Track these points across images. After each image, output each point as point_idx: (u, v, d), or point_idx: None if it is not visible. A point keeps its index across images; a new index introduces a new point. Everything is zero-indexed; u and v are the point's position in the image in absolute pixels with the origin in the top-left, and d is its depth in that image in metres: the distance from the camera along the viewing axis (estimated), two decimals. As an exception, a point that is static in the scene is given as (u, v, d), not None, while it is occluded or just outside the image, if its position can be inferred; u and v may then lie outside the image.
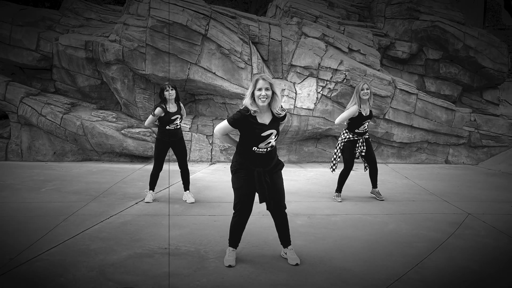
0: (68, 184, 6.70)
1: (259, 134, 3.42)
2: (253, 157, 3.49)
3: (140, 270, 3.45)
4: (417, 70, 10.78)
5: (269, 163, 3.54)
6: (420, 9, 10.48)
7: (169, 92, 5.56)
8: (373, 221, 4.96)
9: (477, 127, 9.93)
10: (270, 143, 3.48)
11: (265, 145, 3.46)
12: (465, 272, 3.54)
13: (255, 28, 9.57)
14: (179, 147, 5.76)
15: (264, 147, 3.46)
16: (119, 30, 8.78)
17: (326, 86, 9.16)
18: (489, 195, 6.42)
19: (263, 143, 3.45)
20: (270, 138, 3.45)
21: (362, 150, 5.83)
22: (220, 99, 9.33)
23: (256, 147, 3.46)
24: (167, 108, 5.56)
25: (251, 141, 3.47)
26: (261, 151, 3.47)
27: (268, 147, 3.48)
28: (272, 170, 3.57)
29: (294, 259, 3.61)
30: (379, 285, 3.25)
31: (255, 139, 3.44)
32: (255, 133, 3.42)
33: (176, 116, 5.60)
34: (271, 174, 3.56)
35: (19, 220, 4.74)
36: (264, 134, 3.43)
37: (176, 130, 5.67)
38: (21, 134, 9.16)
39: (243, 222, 3.65)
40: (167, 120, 5.57)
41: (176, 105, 5.69)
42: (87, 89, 9.42)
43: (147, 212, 5.20)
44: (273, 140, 3.48)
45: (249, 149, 3.48)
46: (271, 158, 3.55)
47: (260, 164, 3.49)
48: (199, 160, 9.23)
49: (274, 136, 3.47)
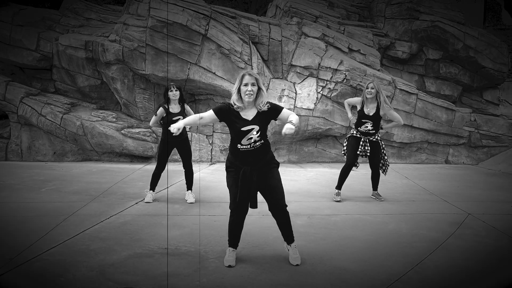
0: (68, 184, 6.70)
1: (239, 128, 3.41)
2: (240, 155, 3.48)
3: (140, 270, 3.45)
4: (417, 70, 10.78)
5: (256, 162, 3.48)
6: (420, 9, 10.48)
7: (173, 92, 5.57)
8: (373, 221, 4.96)
9: (477, 127, 9.93)
10: (253, 139, 3.42)
11: (247, 140, 3.42)
12: (465, 272, 3.54)
13: (255, 28, 9.57)
14: (184, 148, 5.75)
15: (247, 143, 3.42)
16: (119, 30, 8.78)
17: (326, 86, 9.16)
18: (489, 195, 6.42)
19: (245, 138, 3.42)
20: (251, 133, 3.41)
21: (367, 150, 5.80)
22: (220, 99, 9.33)
23: (239, 144, 3.44)
24: (169, 109, 5.56)
25: (234, 136, 3.48)
26: (245, 148, 3.44)
27: (251, 143, 3.43)
28: (263, 168, 3.51)
29: (295, 259, 3.60)
30: (379, 285, 3.25)
31: (236, 134, 3.45)
32: (236, 127, 3.43)
33: (178, 117, 5.56)
34: (262, 172, 3.51)
35: (19, 220, 4.74)
36: (244, 129, 3.41)
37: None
38: (21, 134, 9.15)
39: (239, 221, 3.62)
40: (168, 121, 5.57)
41: (180, 106, 5.67)
42: (87, 89, 9.42)
43: (147, 212, 5.20)
44: (255, 136, 3.42)
45: (235, 146, 3.49)
46: (259, 156, 3.49)
47: (247, 162, 3.46)
48: (199, 160, 9.23)
49: (256, 132, 3.42)
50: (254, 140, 3.44)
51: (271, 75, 9.55)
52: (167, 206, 5.47)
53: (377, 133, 5.85)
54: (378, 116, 5.76)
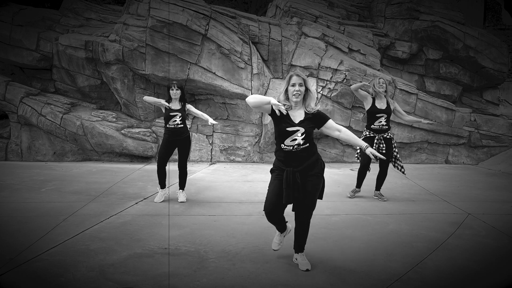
0: (68, 184, 6.70)
1: (285, 128, 3.39)
2: (283, 155, 3.45)
3: (140, 270, 3.45)
4: (417, 70, 10.78)
5: (299, 164, 3.42)
6: (420, 9, 10.48)
7: (173, 91, 5.64)
8: (373, 221, 4.96)
9: (477, 127, 9.93)
10: (297, 141, 3.39)
11: (291, 141, 3.39)
12: (465, 272, 3.54)
13: (255, 28, 9.57)
14: (182, 147, 5.77)
15: (290, 144, 3.39)
16: (119, 30, 8.78)
17: (326, 86, 9.16)
18: (489, 195, 6.42)
19: (289, 139, 3.39)
20: (296, 135, 3.38)
21: (382, 148, 5.79)
22: (220, 99, 9.33)
23: (283, 144, 3.42)
24: (170, 106, 5.65)
25: (278, 136, 3.46)
26: (288, 149, 3.41)
27: (294, 144, 3.39)
28: (306, 171, 3.44)
29: (305, 265, 3.56)
30: (379, 285, 3.25)
31: (281, 134, 3.42)
32: (282, 126, 3.41)
33: (176, 113, 5.61)
34: (305, 175, 3.43)
35: (19, 220, 4.74)
36: (290, 129, 3.39)
37: (178, 130, 5.66)
38: (21, 134, 9.15)
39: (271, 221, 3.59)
40: (166, 116, 5.66)
41: (181, 105, 5.71)
42: (87, 89, 9.42)
43: (147, 212, 5.20)
44: (299, 138, 3.38)
45: (279, 146, 3.47)
46: (302, 158, 3.43)
47: (290, 163, 3.42)
48: (199, 160, 9.23)
49: (300, 134, 3.38)
50: (298, 142, 3.39)
51: (271, 75, 9.55)
52: (168, 206, 5.47)
53: (389, 129, 5.89)
54: (390, 109, 5.86)
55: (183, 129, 5.69)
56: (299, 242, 3.62)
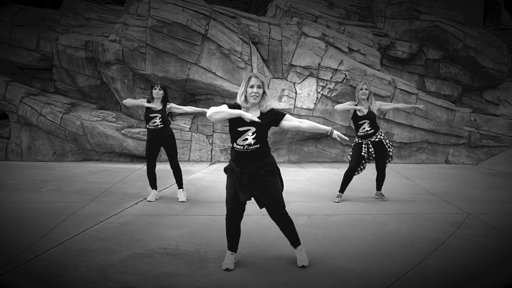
0: (68, 184, 6.70)
1: (236, 128, 3.42)
2: (235, 155, 3.47)
3: (140, 270, 3.45)
4: (417, 70, 10.78)
5: (249, 164, 3.40)
6: (420, 9, 10.48)
7: (156, 91, 5.65)
8: (373, 221, 4.96)
9: (477, 127, 9.93)
10: (248, 141, 3.38)
11: (242, 141, 3.40)
12: (465, 272, 3.54)
13: (255, 28, 9.57)
14: (168, 146, 5.78)
15: (241, 143, 3.40)
16: (119, 30, 8.78)
17: (326, 86, 9.16)
18: (489, 195, 6.42)
19: (240, 138, 3.40)
20: (247, 134, 3.38)
21: (371, 152, 5.82)
22: (220, 99, 9.33)
23: (235, 143, 3.45)
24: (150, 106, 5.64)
25: (230, 134, 3.49)
26: (239, 149, 3.42)
27: (245, 144, 3.39)
28: (254, 173, 3.41)
29: (301, 261, 3.57)
30: (379, 285, 3.25)
31: (232, 132, 3.46)
32: (233, 125, 3.44)
33: (155, 115, 5.61)
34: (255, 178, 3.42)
35: (19, 220, 4.74)
36: (241, 129, 3.40)
37: (158, 130, 5.65)
38: (21, 134, 9.16)
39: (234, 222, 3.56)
40: (146, 117, 5.68)
41: (162, 105, 5.70)
42: (87, 89, 9.42)
43: (147, 212, 5.20)
44: (250, 138, 3.37)
45: (232, 145, 3.51)
46: (253, 160, 3.42)
47: (240, 163, 3.42)
48: (199, 160, 9.23)
49: (251, 133, 3.38)
50: (249, 142, 3.38)
51: (271, 75, 9.55)
52: (168, 206, 5.47)
53: (377, 132, 5.87)
54: (373, 113, 5.86)
55: (164, 128, 5.67)
56: (289, 237, 3.67)
